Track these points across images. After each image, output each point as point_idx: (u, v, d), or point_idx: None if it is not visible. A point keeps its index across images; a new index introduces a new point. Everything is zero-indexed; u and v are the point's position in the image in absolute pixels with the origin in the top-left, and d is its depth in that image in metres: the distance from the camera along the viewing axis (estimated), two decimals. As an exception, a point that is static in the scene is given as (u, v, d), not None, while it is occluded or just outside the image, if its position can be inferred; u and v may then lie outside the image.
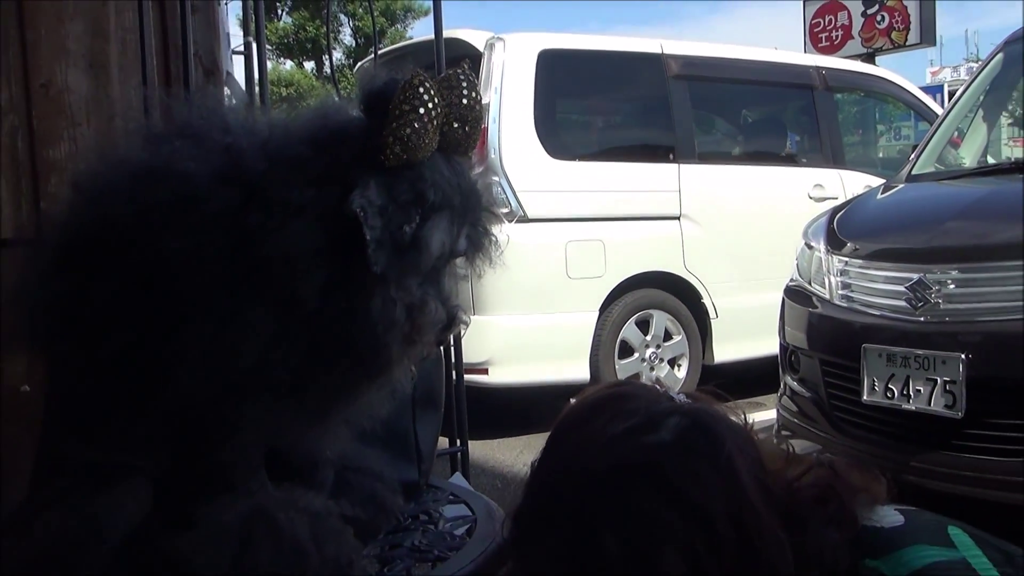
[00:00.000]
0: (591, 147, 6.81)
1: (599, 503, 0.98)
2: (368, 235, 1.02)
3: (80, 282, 1.07)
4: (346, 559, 1.08)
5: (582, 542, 0.97)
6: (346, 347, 1.06)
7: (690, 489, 0.96)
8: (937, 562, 0.96)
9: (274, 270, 1.03)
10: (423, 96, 1.04)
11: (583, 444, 1.03)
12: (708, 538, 0.95)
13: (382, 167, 1.05)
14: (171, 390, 1.05)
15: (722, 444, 1.00)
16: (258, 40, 2.77)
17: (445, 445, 2.29)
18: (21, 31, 2.10)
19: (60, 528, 1.06)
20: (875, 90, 8.02)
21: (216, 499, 1.08)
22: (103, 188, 1.10)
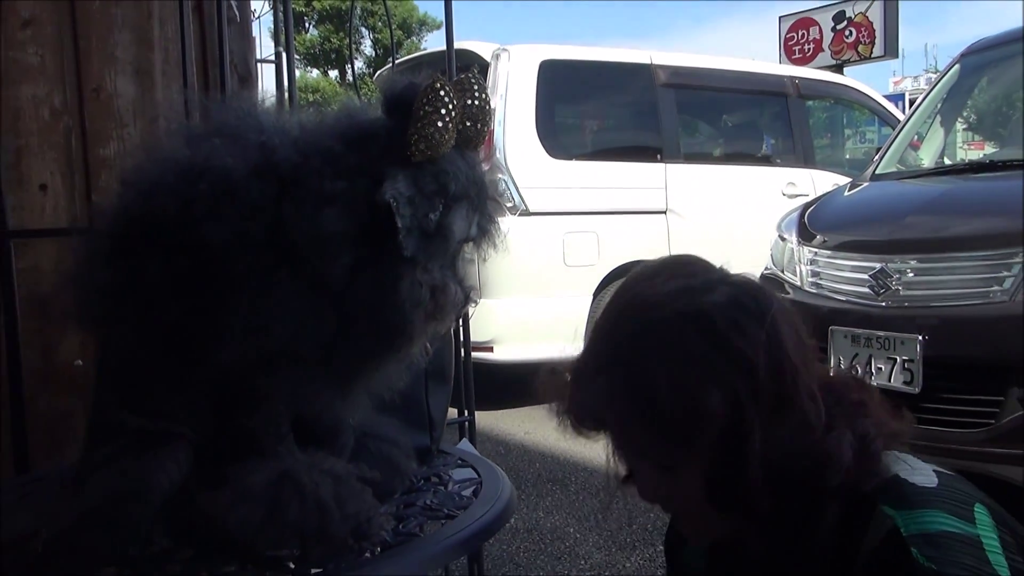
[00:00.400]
0: (587, 148, 6.81)
1: (654, 346, 0.97)
2: (399, 223, 1.03)
3: (130, 268, 1.07)
4: (365, 516, 1.08)
5: (636, 381, 0.97)
6: (374, 323, 1.07)
7: (736, 339, 0.95)
8: (950, 532, 0.91)
9: (306, 254, 1.03)
10: (443, 98, 1.05)
11: (643, 296, 1.03)
12: (749, 384, 0.94)
13: (408, 162, 1.05)
14: (211, 363, 1.05)
15: (768, 307, 0.99)
16: (287, 50, 2.76)
17: (454, 415, 2.30)
18: (75, 41, 2.09)
19: (109, 487, 1.06)
20: (843, 98, 7.99)
21: (247, 463, 1.08)
22: (150, 183, 1.10)
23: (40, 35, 2.06)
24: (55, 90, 2.07)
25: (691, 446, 0.98)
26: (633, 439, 1.03)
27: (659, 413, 0.96)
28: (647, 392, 0.96)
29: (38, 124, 2.05)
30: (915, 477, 0.97)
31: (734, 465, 0.96)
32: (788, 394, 0.97)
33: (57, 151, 2.07)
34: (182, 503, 1.09)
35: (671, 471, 1.02)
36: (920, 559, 0.88)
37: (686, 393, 0.95)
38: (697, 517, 1.07)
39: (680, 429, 0.97)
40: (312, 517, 1.04)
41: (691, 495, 1.02)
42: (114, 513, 1.05)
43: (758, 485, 0.96)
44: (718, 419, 0.95)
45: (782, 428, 0.96)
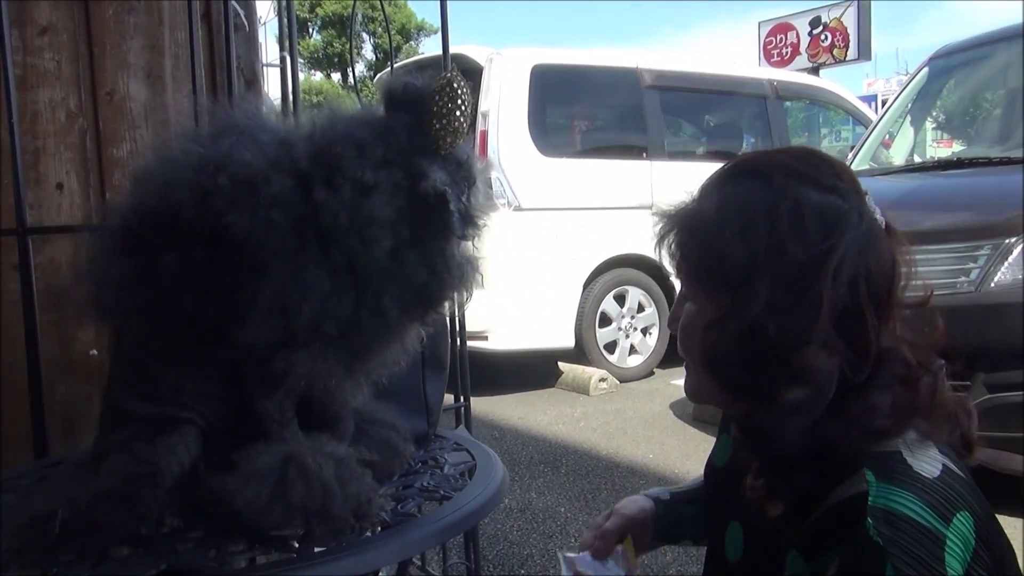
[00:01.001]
0: (576, 147, 6.82)
1: (755, 183, 0.97)
2: (452, 207, 1.07)
3: (145, 261, 1.07)
4: (365, 497, 1.09)
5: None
6: (412, 297, 1.12)
7: (838, 250, 0.92)
8: (914, 520, 0.85)
9: (346, 238, 1.06)
10: (460, 93, 1.09)
11: (768, 154, 1.03)
12: (848, 295, 0.92)
13: (433, 153, 1.09)
14: (232, 346, 1.06)
15: (876, 241, 0.97)
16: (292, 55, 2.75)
17: (450, 401, 2.30)
18: (90, 47, 2.09)
19: (123, 469, 1.06)
20: (819, 99, 8.00)
21: (254, 447, 1.08)
22: (165, 180, 1.10)
23: (56, 42, 2.05)
24: (71, 93, 2.07)
25: (711, 283, 0.98)
26: (683, 260, 1.01)
27: (690, 238, 0.98)
28: (697, 214, 0.98)
29: (55, 126, 2.05)
30: (917, 463, 0.92)
31: (731, 327, 0.94)
32: (805, 301, 0.92)
33: (73, 151, 2.07)
34: (192, 485, 1.10)
35: (700, 305, 1.01)
36: (871, 531, 0.85)
37: (721, 225, 0.95)
38: (695, 366, 1.04)
39: (709, 261, 0.97)
40: (316, 498, 1.04)
41: (699, 332, 1.00)
42: (127, 494, 1.05)
43: (716, 354, 0.96)
44: (731, 266, 0.94)
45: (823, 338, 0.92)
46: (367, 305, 1.08)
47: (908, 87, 5.08)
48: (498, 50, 6.08)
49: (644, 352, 6.44)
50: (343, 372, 1.13)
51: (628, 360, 6.38)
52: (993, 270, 3.12)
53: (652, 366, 6.45)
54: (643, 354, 6.44)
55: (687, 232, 1.00)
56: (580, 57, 6.60)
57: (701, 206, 1.01)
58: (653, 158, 6.38)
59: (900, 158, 4.77)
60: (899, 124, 5.02)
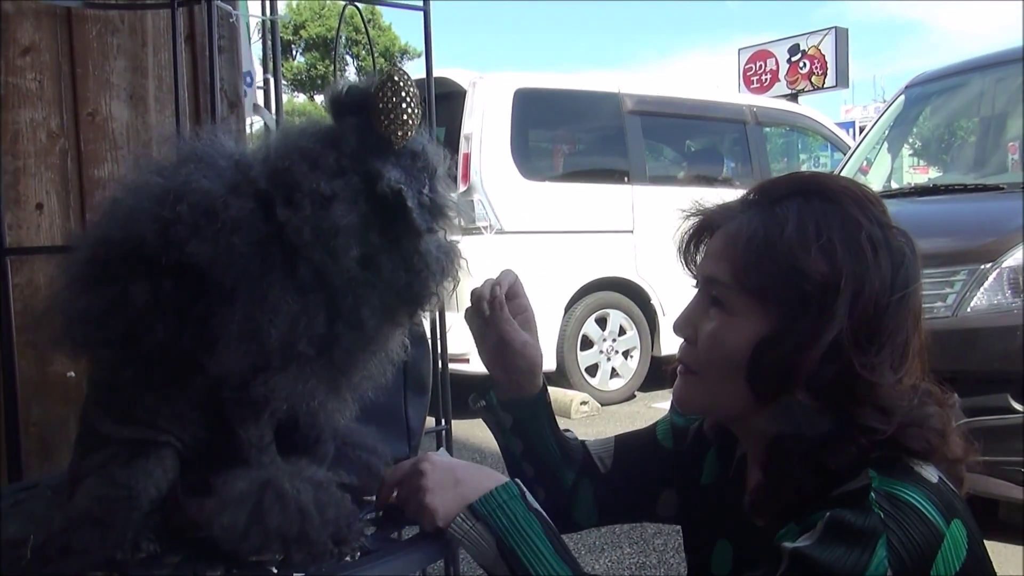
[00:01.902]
0: (558, 170, 6.84)
1: (813, 197, 0.98)
2: (410, 203, 1.05)
3: (113, 294, 1.06)
4: (345, 522, 1.07)
5: (776, 214, 0.96)
6: (394, 301, 1.09)
7: (883, 252, 0.95)
8: (919, 509, 0.85)
9: (312, 253, 1.03)
10: (402, 85, 1.06)
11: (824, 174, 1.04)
12: (857, 289, 0.92)
13: (386, 152, 1.07)
14: (204, 375, 1.05)
15: (915, 279, 0.97)
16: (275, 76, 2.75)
17: (432, 424, 2.29)
18: (72, 67, 2.08)
19: (97, 493, 1.04)
20: (798, 125, 8.09)
21: (232, 471, 1.07)
22: (127, 211, 1.09)
23: (39, 62, 2.04)
24: (52, 113, 2.06)
25: (775, 296, 0.95)
26: (731, 266, 0.99)
27: (764, 245, 0.95)
28: (772, 222, 0.96)
29: (35, 146, 2.03)
30: (919, 467, 0.92)
31: (796, 343, 0.93)
32: (880, 336, 0.93)
33: (53, 172, 2.06)
34: (169, 509, 1.08)
35: (735, 314, 0.99)
36: (874, 506, 0.84)
37: (806, 240, 0.94)
38: (719, 376, 1.01)
39: (781, 273, 0.94)
40: (293, 523, 1.03)
41: (734, 343, 0.98)
42: (102, 518, 1.03)
43: (799, 372, 0.93)
44: (814, 283, 0.92)
45: (858, 357, 0.92)
46: (344, 319, 1.07)
47: (885, 114, 5.14)
48: (481, 74, 6.10)
49: (625, 375, 6.44)
50: (326, 390, 1.12)
51: (609, 383, 6.38)
52: (969, 295, 3.15)
53: (633, 389, 6.46)
54: (624, 377, 6.44)
55: (749, 241, 0.97)
56: (562, 81, 6.64)
57: (764, 217, 0.98)
58: (634, 182, 6.41)
59: (878, 184, 4.81)
60: (877, 150, 5.08)
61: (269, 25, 2.69)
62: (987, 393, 2.98)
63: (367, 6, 2.56)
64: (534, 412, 1.26)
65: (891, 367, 0.94)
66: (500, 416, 1.27)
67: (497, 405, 1.27)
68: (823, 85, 14.38)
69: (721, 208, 1.07)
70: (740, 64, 15.63)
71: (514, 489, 1.02)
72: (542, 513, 1.01)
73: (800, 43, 14.63)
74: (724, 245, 1.01)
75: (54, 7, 2.05)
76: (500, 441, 1.29)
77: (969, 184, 4.26)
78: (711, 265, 1.03)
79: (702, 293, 1.05)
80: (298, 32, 28.39)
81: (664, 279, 6.21)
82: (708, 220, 1.08)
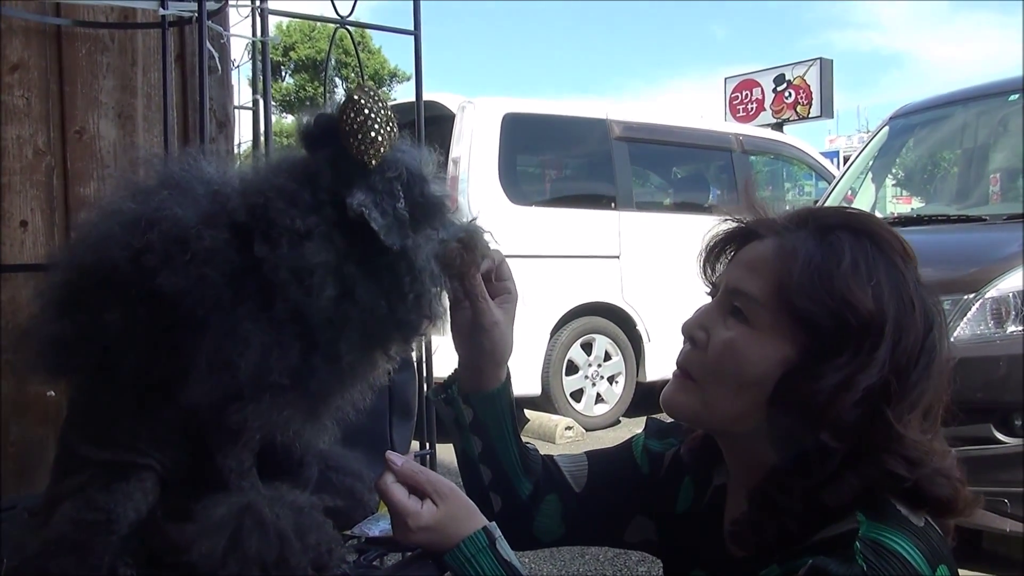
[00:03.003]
0: (546, 195, 6.86)
1: (865, 233, 0.98)
2: (374, 225, 1.01)
3: (86, 320, 1.05)
4: (326, 548, 1.06)
5: (829, 241, 0.96)
6: (380, 332, 1.06)
7: (921, 298, 0.96)
8: (904, 557, 0.84)
9: (288, 290, 1.01)
10: (365, 103, 1.04)
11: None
12: (898, 337, 0.93)
13: (361, 173, 1.04)
14: (177, 403, 1.03)
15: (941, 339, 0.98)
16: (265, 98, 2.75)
17: (416, 448, 2.27)
18: (60, 85, 2.07)
19: (75, 517, 1.02)
20: (783, 154, 8.14)
21: (212, 497, 1.05)
22: (99, 236, 1.08)
23: (27, 79, 2.03)
24: (39, 131, 2.05)
25: (816, 323, 0.93)
26: (771, 281, 0.97)
27: (821, 272, 0.93)
28: (830, 252, 0.95)
29: (21, 163, 2.02)
30: (906, 509, 0.91)
31: (834, 385, 0.91)
32: (913, 390, 0.93)
33: (39, 189, 2.04)
34: (149, 533, 1.06)
35: (760, 330, 0.97)
36: (857, 556, 0.83)
37: (860, 277, 0.93)
38: (723, 386, 0.99)
39: (831, 303, 0.92)
40: (272, 548, 1.01)
41: (754, 359, 0.96)
42: (80, 542, 1.01)
43: (831, 411, 0.91)
44: (860, 320, 0.91)
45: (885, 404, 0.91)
46: (321, 352, 1.05)
47: (869, 144, 5.18)
48: (470, 98, 6.13)
49: (610, 400, 6.42)
50: (303, 419, 1.10)
51: (594, 408, 6.36)
52: (953, 325, 3.16)
53: (618, 415, 6.44)
54: (609, 403, 6.42)
55: (806, 264, 0.95)
56: (550, 107, 6.67)
57: (819, 244, 0.96)
58: (621, 208, 6.43)
59: (862, 213, 4.83)
60: (861, 180, 5.11)
61: (260, 47, 2.69)
62: (970, 423, 2.99)
63: (357, 29, 2.56)
64: (496, 407, 1.20)
65: (920, 422, 0.94)
66: (460, 411, 1.21)
67: (458, 397, 1.21)
68: (808, 115, 14.52)
69: (760, 220, 1.05)
70: (726, 93, 15.77)
71: (483, 540, 0.99)
72: (512, 564, 0.99)
73: (786, 73, 14.79)
74: (765, 259, 0.99)
75: (44, 25, 2.05)
76: (458, 445, 1.23)
77: (952, 215, 4.29)
78: (742, 276, 1.01)
79: (722, 301, 1.03)
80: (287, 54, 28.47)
81: (650, 305, 6.22)
82: (744, 229, 1.06)
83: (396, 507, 1.00)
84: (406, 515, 1.00)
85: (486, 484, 1.21)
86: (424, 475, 1.02)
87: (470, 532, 1.00)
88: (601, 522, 1.25)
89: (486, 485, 1.21)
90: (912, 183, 6.18)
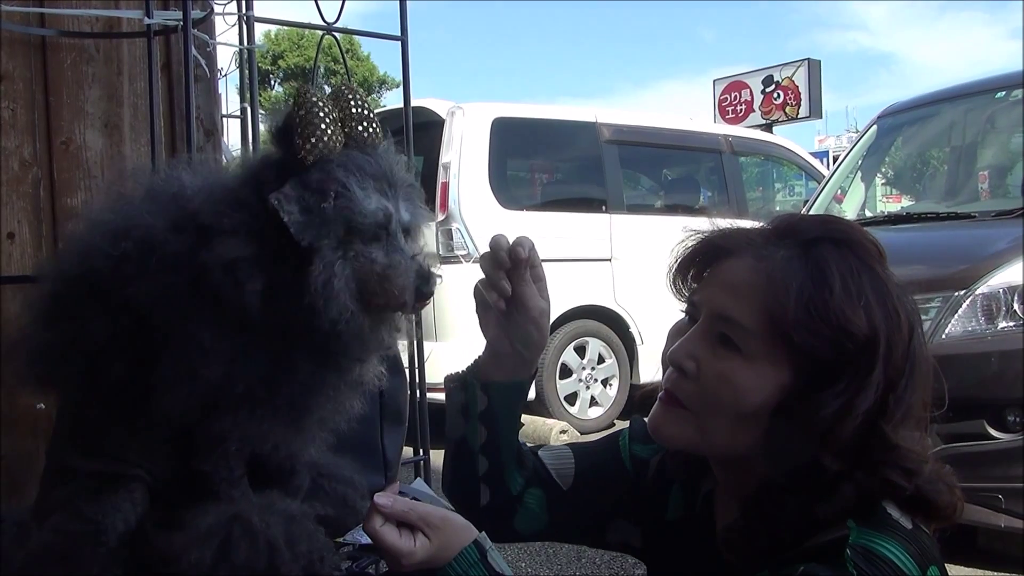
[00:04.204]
0: (536, 199, 6.86)
1: (847, 251, 0.96)
2: (286, 219, 1.00)
3: (73, 329, 1.04)
4: (318, 555, 1.05)
5: (815, 265, 0.94)
6: (306, 338, 1.03)
7: (905, 304, 0.96)
8: (894, 562, 0.84)
9: (222, 288, 1.00)
10: (313, 99, 1.05)
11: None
12: (891, 348, 0.92)
13: (299, 169, 1.03)
14: (154, 412, 1.02)
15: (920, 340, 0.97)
16: (252, 106, 2.74)
17: (410, 455, 2.26)
18: (46, 96, 2.06)
19: (64, 528, 1.02)
20: (773, 154, 8.15)
21: (202, 506, 1.05)
22: (82, 247, 1.08)
23: (12, 90, 2.02)
24: (25, 142, 2.04)
25: (813, 349, 0.91)
26: (762, 310, 0.94)
27: (816, 303, 0.91)
28: (819, 277, 0.92)
29: (7, 175, 2.01)
30: (896, 512, 0.91)
31: (834, 412, 0.90)
32: (904, 399, 0.93)
33: (25, 201, 2.03)
34: (138, 543, 1.06)
35: (754, 359, 0.94)
36: (848, 564, 0.83)
37: (852, 300, 0.91)
38: (719, 416, 0.97)
39: (831, 335, 0.91)
40: (261, 557, 1.01)
41: (751, 390, 0.94)
42: (67, 553, 1.01)
43: (834, 438, 0.90)
44: (857, 345, 0.91)
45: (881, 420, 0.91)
46: (281, 364, 1.04)
47: (858, 144, 5.19)
48: (459, 103, 6.13)
49: (604, 403, 6.42)
50: (285, 430, 1.09)
51: (589, 412, 6.36)
52: (944, 322, 3.17)
53: (612, 418, 6.43)
54: (604, 406, 6.42)
55: (799, 297, 0.92)
56: (540, 111, 6.67)
57: (805, 267, 0.94)
58: (612, 211, 6.43)
59: (852, 212, 4.85)
60: (850, 179, 5.13)
61: (246, 55, 2.69)
62: (963, 420, 3.00)
63: (345, 36, 2.56)
64: (513, 398, 1.18)
65: (910, 426, 0.94)
66: (475, 398, 1.17)
67: (475, 383, 1.17)
68: (796, 115, 14.56)
69: (733, 235, 1.03)
70: (715, 95, 15.80)
71: (473, 555, 0.97)
72: (503, 575, 0.98)
73: (774, 74, 14.83)
74: (750, 284, 0.96)
75: (28, 36, 2.04)
76: (457, 432, 1.20)
77: (942, 212, 4.30)
78: (725, 301, 0.98)
79: (708, 327, 0.99)
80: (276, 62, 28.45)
81: (643, 307, 6.22)
82: (716, 246, 1.04)
83: (389, 549, 0.96)
84: (399, 556, 0.96)
85: (480, 475, 1.19)
86: (414, 512, 0.98)
87: (461, 548, 0.98)
88: (584, 521, 1.24)
89: (479, 476, 1.19)
90: (901, 181, 6.20)
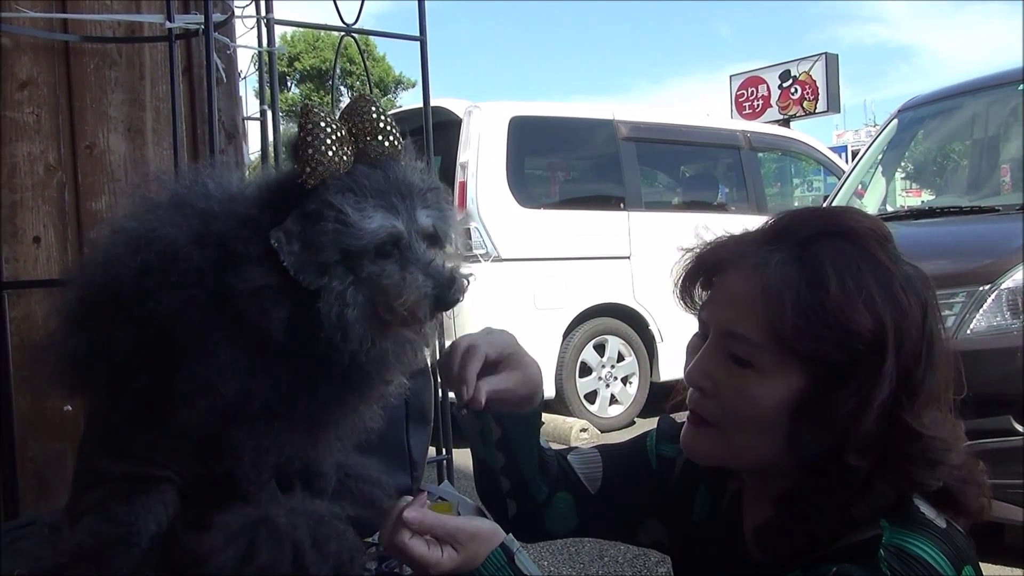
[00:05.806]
0: (554, 197, 6.85)
1: (840, 247, 0.94)
2: (285, 262, 0.99)
3: (99, 337, 1.05)
4: (347, 555, 1.06)
5: (810, 267, 0.92)
6: (328, 366, 1.03)
7: (907, 294, 0.93)
8: (927, 561, 0.84)
9: (247, 313, 1.01)
10: (317, 118, 1.03)
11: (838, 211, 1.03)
12: (900, 339, 0.91)
13: (296, 197, 1.02)
14: (174, 421, 1.03)
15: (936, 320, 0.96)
16: (272, 108, 2.76)
17: (433, 454, 2.27)
18: (70, 100, 2.08)
19: (97, 530, 1.03)
20: (791, 150, 8.11)
21: (231, 509, 1.05)
22: (107, 256, 1.08)
23: (36, 96, 2.04)
24: (50, 147, 2.05)
25: (823, 358, 0.90)
26: (763, 322, 0.93)
27: (813, 307, 0.90)
28: (815, 279, 0.91)
29: (33, 179, 2.03)
30: (930, 511, 0.91)
31: (848, 412, 0.89)
32: (922, 386, 0.92)
33: (51, 205, 2.05)
34: (169, 545, 1.06)
35: (766, 371, 0.93)
36: (882, 564, 0.83)
37: (851, 297, 0.90)
38: (744, 431, 0.96)
39: (834, 337, 0.90)
40: (285, 557, 1.01)
41: (768, 400, 0.93)
42: (99, 554, 1.01)
43: (855, 435, 0.89)
44: (865, 342, 0.89)
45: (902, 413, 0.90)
46: (297, 380, 1.04)
47: (879, 138, 5.16)
48: (476, 103, 6.13)
49: (624, 402, 6.41)
50: (302, 443, 1.09)
51: (608, 410, 6.35)
52: (969, 317, 3.14)
53: (633, 416, 6.42)
54: (624, 404, 6.41)
55: (795, 303, 0.91)
56: (557, 109, 6.66)
57: (799, 269, 0.93)
58: (630, 208, 6.42)
59: (873, 207, 4.82)
60: (871, 174, 5.09)
61: (266, 57, 2.70)
62: (989, 415, 2.97)
63: (361, 37, 2.57)
64: (527, 428, 1.20)
65: (934, 410, 0.93)
66: (489, 427, 1.19)
67: (488, 416, 1.18)
68: (814, 110, 14.45)
69: (731, 246, 1.02)
70: (732, 90, 15.71)
71: (501, 558, 0.97)
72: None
73: (791, 69, 14.72)
74: (751, 296, 0.95)
75: (51, 42, 2.06)
76: (478, 452, 1.22)
77: (964, 206, 4.26)
78: (731, 318, 0.97)
79: (718, 344, 0.99)
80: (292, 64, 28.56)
81: (662, 305, 6.20)
82: (715, 259, 1.03)
83: (418, 560, 0.95)
84: (427, 565, 0.95)
85: (504, 492, 1.21)
86: (443, 528, 0.96)
87: (489, 551, 0.97)
88: (615, 523, 1.25)
89: (504, 493, 1.21)
90: (922, 176, 6.14)
